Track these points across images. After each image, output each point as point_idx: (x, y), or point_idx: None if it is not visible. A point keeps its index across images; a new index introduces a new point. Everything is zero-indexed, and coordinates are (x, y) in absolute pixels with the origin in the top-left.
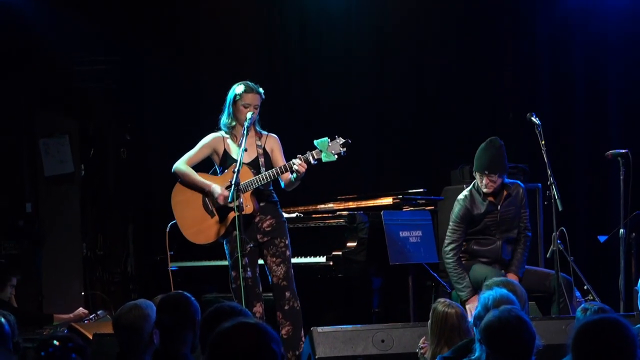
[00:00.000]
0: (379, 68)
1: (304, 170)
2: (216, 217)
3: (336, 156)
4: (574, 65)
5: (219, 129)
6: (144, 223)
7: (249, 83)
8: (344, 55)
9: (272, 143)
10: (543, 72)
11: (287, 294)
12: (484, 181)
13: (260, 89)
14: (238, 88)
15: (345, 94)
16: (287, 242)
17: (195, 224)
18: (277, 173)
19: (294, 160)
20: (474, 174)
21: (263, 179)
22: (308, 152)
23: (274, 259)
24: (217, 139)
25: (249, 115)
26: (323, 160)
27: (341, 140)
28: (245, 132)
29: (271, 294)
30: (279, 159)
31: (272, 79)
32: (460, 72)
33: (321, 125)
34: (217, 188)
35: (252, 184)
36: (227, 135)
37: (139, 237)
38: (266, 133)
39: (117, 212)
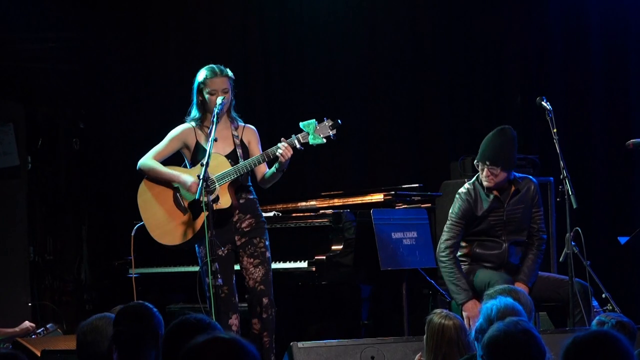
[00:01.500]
0: (368, 44)
1: (289, 155)
2: (189, 215)
3: (325, 139)
4: (589, 43)
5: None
6: (100, 223)
7: (214, 66)
8: (328, 32)
9: (250, 135)
10: (555, 50)
11: (265, 300)
12: (484, 172)
13: (228, 71)
14: (201, 74)
15: (329, 75)
16: (266, 242)
17: (165, 222)
18: (258, 162)
19: (278, 145)
20: (475, 164)
21: (242, 170)
22: (293, 135)
23: (252, 259)
24: (187, 130)
25: (218, 100)
26: (310, 143)
27: (330, 122)
28: (214, 119)
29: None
30: (255, 153)
31: (247, 60)
32: (461, 51)
33: (302, 112)
34: (188, 178)
35: (229, 175)
36: (198, 126)
37: (94, 240)
38: (242, 124)
39: (69, 211)
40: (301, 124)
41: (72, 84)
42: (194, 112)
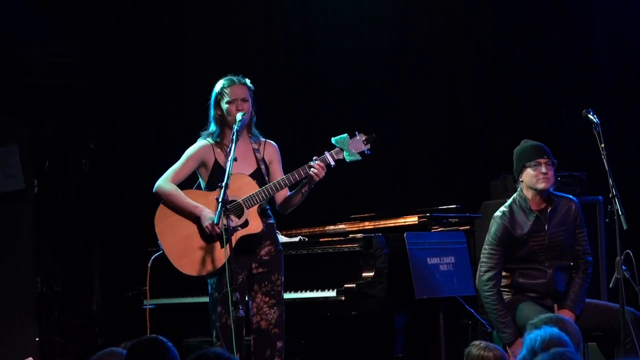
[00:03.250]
0: (401, 55)
1: (323, 174)
2: (212, 245)
3: (360, 155)
4: (638, 51)
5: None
6: (112, 251)
7: (231, 76)
8: (358, 43)
9: (271, 152)
10: (602, 60)
11: (279, 344)
12: (541, 170)
13: (247, 81)
14: (218, 85)
15: (358, 88)
16: (283, 279)
17: (189, 251)
18: (289, 182)
19: (310, 163)
20: (518, 178)
21: (272, 190)
22: (326, 152)
23: (267, 299)
24: (205, 148)
25: (238, 116)
26: (347, 160)
27: (363, 136)
28: (234, 137)
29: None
30: (277, 173)
31: (269, 71)
32: (501, 61)
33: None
34: (208, 213)
35: (258, 197)
36: (215, 143)
37: (106, 269)
38: (264, 139)
39: (79, 239)
40: (333, 140)
41: (82, 102)
42: (212, 127)
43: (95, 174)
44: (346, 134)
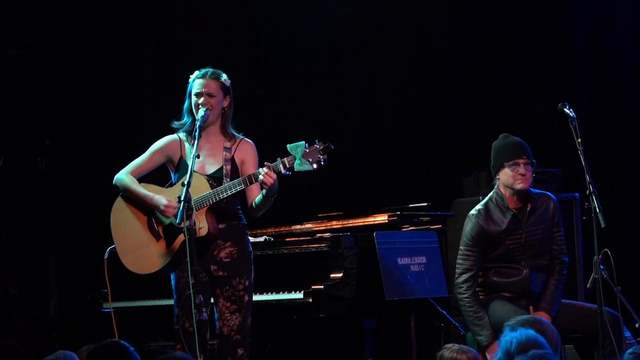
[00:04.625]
0: (372, 50)
1: (271, 182)
2: (162, 241)
3: (314, 165)
4: (616, 40)
5: (176, 131)
6: (70, 252)
7: (207, 69)
8: (327, 37)
9: (245, 151)
10: (577, 52)
11: (240, 351)
12: (519, 171)
13: (222, 75)
14: (192, 76)
15: (326, 84)
16: (247, 283)
17: (137, 248)
18: (238, 186)
19: (259, 169)
20: (495, 175)
21: (221, 193)
22: (279, 159)
23: (229, 304)
24: (172, 143)
25: (200, 112)
26: (296, 170)
27: (321, 145)
28: (197, 132)
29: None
30: (249, 173)
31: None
32: (472, 53)
33: (296, 125)
34: (161, 199)
35: (207, 200)
36: (185, 139)
37: (63, 271)
38: (240, 137)
39: (35, 240)
40: (289, 146)
41: (36, 97)
42: (183, 119)
43: (52, 172)
44: (303, 142)
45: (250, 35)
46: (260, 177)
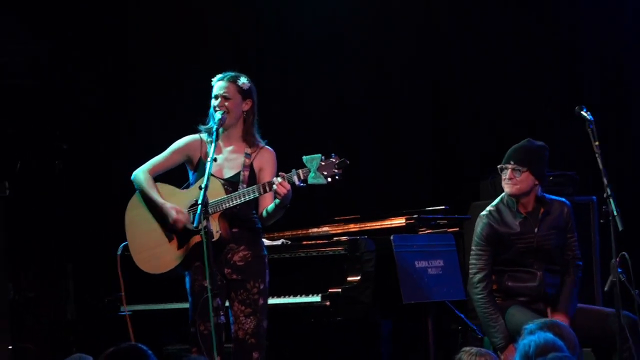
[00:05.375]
0: (383, 53)
1: (284, 192)
2: (175, 242)
3: (328, 179)
4: (628, 40)
5: (200, 132)
6: (87, 256)
7: (228, 71)
8: (333, 41)
9: (264, 159)
10: (592, 54)
11: (256, 355)
12: (507, 175)
13: (242, 78)
14: (213, 79)
15: (340, 85)
16: (262, 286)
17: (149, 247)
18: (252, 193)
19: (274, 179)
20: (498, 169)
21: (235, 200)
22: (294, 170)
23: (243, 307)
24: (193, 143)
25: (217, 114)
26: (309, 182)
27: (337, 160)
28: (214, 135)
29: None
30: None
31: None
32: (490, 58)
33: (310, 129)
34: (170, 211)
35: (220, 205)
36: (207, 140)
37: (81, 274)
38: (262, 144)
39: (52, 243)
40: (304, 158)
41: (52, 101)
42: (210, 122)
43: (69, 175)
44: (319, 154)
45: (252, 30)
46: (274, 186)
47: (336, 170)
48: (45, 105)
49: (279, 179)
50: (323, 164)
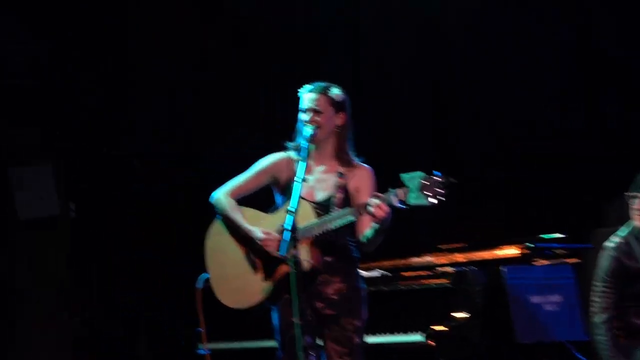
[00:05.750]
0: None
1: (382, 215)
2: (261, 272)
3: (431, 199)
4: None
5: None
6: (163, 288)
7: (318, 82)
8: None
9: (361, 179)
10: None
11: None
12: (634, 205)
13: (333, 89)
14: (301, 90)
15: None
16: (358, 323)
17: (232, 278)
18: (347, 216)
19: (370, 200)
20: (627, 197)
21: (328, 224)
22: (391, 189)
23: (337, 347)
24: (280, 162)
25: (307, 129)
26: (410, 203)
27: (440, 179)
28: (303, 153)
29: None
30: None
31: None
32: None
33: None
34: (257, 233)
35: (311, 230)
36: (297, 158)
37: (154, 308)
38: (358, 162)
39: (123, 273)
40: (403, 176)
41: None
42: (297, 137)
43: (144, 196)
44: (420, 172)
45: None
46: (371, 208)
47: (440, 190)
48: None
49: (376, 201)
50: (425, 182)
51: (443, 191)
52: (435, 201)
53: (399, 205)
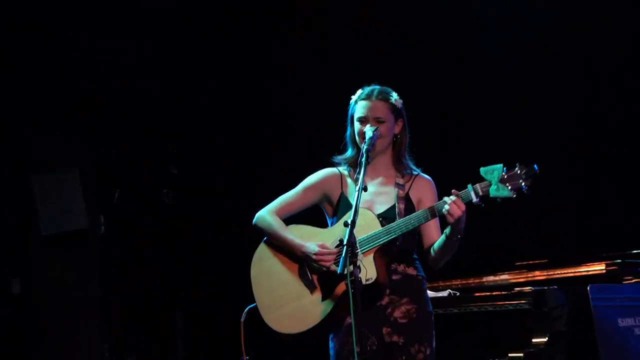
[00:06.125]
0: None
1: (459, 214)
2: (318, 292)
3: (514, 192)
4: None
5: (336, 164)
6: (201, 311)
7: (368, 87)
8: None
9: (422, 189)
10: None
11: None
12: None
13: (391, 94)
14: (354, 97)
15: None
16: (428, 351)
17: (284, 302)
18: (417, 221)
19: (445, 198)
20: None
21: (396, 231)
22: (469, 185)
23: None
24: (331, 177)
25: (368, 131)
26: (491, 196)
27: (523, 169)
28: (362, 159)
29: None
30: None
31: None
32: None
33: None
34: (311, 247)
35: (377, 239)
36: (348, 173)
37: (193, 333)
38: (417, 172)
39: (158, 293)
40: (482, 170)
41: (159, 115)
42: (348, 150)
43: (180, 207)
44: (500, 164)
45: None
46: (446, 206)
47: (523, 182)
48: (149, 121)
49: (452, 198)
50: (506, 175)
51: (527, 183)
52: (516, 194)
53: (478, 201)
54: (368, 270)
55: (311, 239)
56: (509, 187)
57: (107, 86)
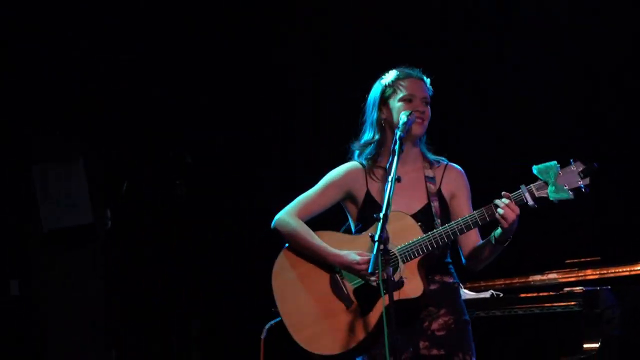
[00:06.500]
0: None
1: (513, 217)
2: (357, 308)
3: (572, 193)
4: None
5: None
6: (217, 315)
7: (405, 67)
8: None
9: (455, 182)
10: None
11: None
12: None
13: (427, 79)
14: (388, 76)
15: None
16: None
17: (316, 319)
18: (466, 228)
19: (497, 201)
20: None
21: (440, 240)
22: (523, 186)
23: None
24: (354, 172)
25: (402, 116)
26: (551, 198)
27: (580, 166)
28: (397, 146)
29: None
30: (463, 211)
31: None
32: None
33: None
34: (351, 255)
35: (420, 247)
36: (369, 167)
37: (207, 339)
38: (444, 162)
39: (170, 294)
40: (535, 169)
41: (170, 103)
42: (368, 135)
43: (194, 200)
44: (555, 162)
45: None
46: (500, 211)
47: (580, 181)
48: (160, 108)
49: (505, 201)
50: (562, 173)
51: (585, 181)
52: (574, 195)
53: (532, 203)
54: (411, 284)
55: (342, 247)
56: (567, 187)
57: (107, 86)
